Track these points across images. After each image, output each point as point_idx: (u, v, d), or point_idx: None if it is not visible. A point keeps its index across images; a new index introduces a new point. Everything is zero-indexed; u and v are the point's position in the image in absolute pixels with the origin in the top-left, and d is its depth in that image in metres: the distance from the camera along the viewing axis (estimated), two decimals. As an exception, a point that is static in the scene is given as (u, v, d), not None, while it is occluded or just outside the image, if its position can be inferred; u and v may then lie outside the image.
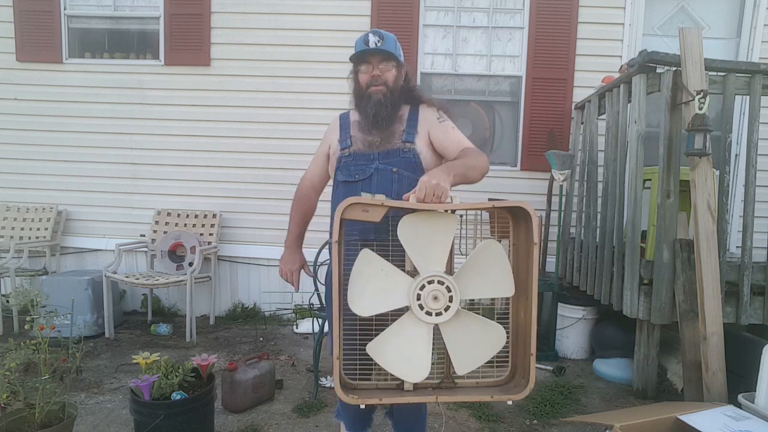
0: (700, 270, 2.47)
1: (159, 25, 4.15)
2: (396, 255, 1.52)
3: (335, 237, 1.40)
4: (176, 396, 2.08)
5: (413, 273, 1.44)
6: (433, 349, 1.44)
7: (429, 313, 1.39)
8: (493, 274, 1.44)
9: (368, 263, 1.40)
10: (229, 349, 3.49)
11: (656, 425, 1.98)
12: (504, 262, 1.45)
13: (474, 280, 1.42)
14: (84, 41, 4.27)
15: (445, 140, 1.79)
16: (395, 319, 1.44)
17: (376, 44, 1.79)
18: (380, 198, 1.42)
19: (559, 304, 3.56)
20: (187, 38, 4.11)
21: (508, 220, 1.60)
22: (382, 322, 1.48)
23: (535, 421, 2.55)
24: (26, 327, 2.24)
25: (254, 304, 4.30)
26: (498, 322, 1.49)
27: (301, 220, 1.99)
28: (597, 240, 3.31)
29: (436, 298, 1.38)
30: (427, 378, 1.46)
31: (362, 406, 1.45)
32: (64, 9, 4.19)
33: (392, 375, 1.46)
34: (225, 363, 3.04)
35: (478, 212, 1.71)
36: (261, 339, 3.74)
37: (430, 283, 1.38)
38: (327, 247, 2.03)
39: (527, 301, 1.47)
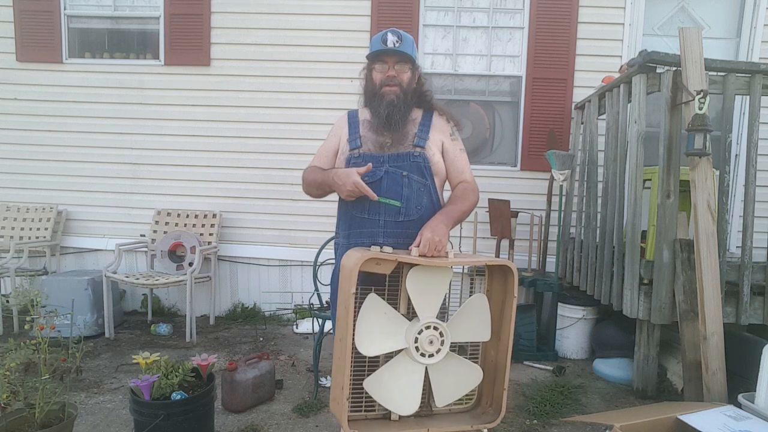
0: (700, 270, 2.47)
1: (159, 25, 4.15)
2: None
3: (351, 289, 1.46)
4: (176, 396, 2.08)
5: (408, 315, 1.61)
6: None
7: (423, 355, 1.56)
8: (476, 323, 1.66)
9: (374, 307, 1.52)
10: (229, 349, 3.49)
11: (656, 425, 1.98)
12: (486, 314, 1.66)
13: (461, 327, 1.63)
14: (84, 41, 4.27)
15: (452, 165, 1.87)
16: (389, 356, 1.58)
17: (394, 44, 1.78)
18: (388, 250, 1.55)
19: (559, 304, 3.56)
20: (187, 38, 4.11)
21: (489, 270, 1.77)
22: (374, 358, 1.60)
23: (535, 421, 2.55)
24: (26, 327, 2.25)
25: (254, 304, 4.30)
26: (470, 356, 1.73)
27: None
28: (597, 240, 3.31)
29: (431, 342, 1.56)
30: None
31: None
32: (64, 9, 4.19)
33: (380, 406, 1.59)
34: (225, 363, 3.04)
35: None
36: (261, 339, 3.74)
37: (427, 328, 1.55)
38: (333, 245, 2.02)
39: (498, 342, 1.71)
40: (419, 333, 1.54)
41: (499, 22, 4.06)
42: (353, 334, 1.49)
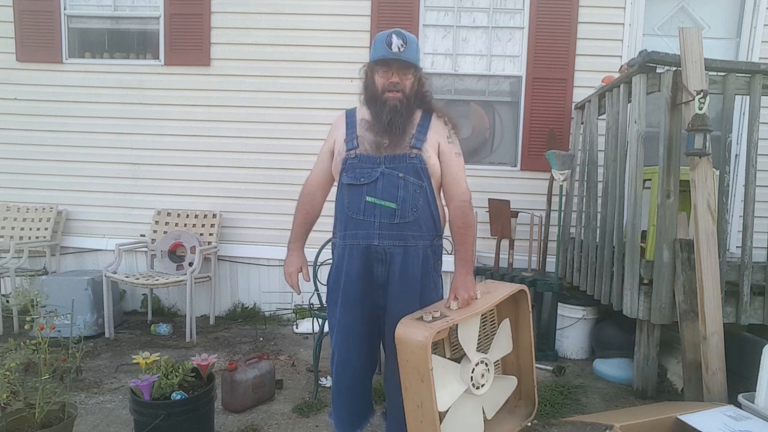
0: (700, 270, 2.47)
1: (159, 25, 4.15)
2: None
3: (430, 365, 1.59)
4: (176, 396, 2.08)
5: (452, 357, 1.84)
6: None
7: (477, 387, 1.80)
8: (504, 342, 1.97)
9: (438, 367, 1.68)
10: (229, 349, 3.49)
11: (656, 425, 1.98)
12: (509, 334, 1.98)
13: (495, 350, 1.92)
14: (84, 41, 4.27)
15: (447, 169, 1.87)
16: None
17: (399, 48, 1.77)
18: (437, 315, 1.70)
19: (559, 304, 3.56)
20: (187, 38, 4.11)
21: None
22: None
23: (535, 421, 2.55)
24: (26, 327, 2.25)
25: (254, 304, 4.30)
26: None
27: (304, 219, 1.97)
28: (597, 240, 3.31)
29: (482, 375, 1.81)
30: None
31: None
32: (64, 9, 4.19)
33: None
34: (225, 363, 3.04)
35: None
36: (261, 339, 3.74)
37: (477, 365, 1.79)
38: (330, 246, 2.02)
39: (518, 347, 2.06)
40: (472, 371, 1.77)
41: (499, 22, 4.06)
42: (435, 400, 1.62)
